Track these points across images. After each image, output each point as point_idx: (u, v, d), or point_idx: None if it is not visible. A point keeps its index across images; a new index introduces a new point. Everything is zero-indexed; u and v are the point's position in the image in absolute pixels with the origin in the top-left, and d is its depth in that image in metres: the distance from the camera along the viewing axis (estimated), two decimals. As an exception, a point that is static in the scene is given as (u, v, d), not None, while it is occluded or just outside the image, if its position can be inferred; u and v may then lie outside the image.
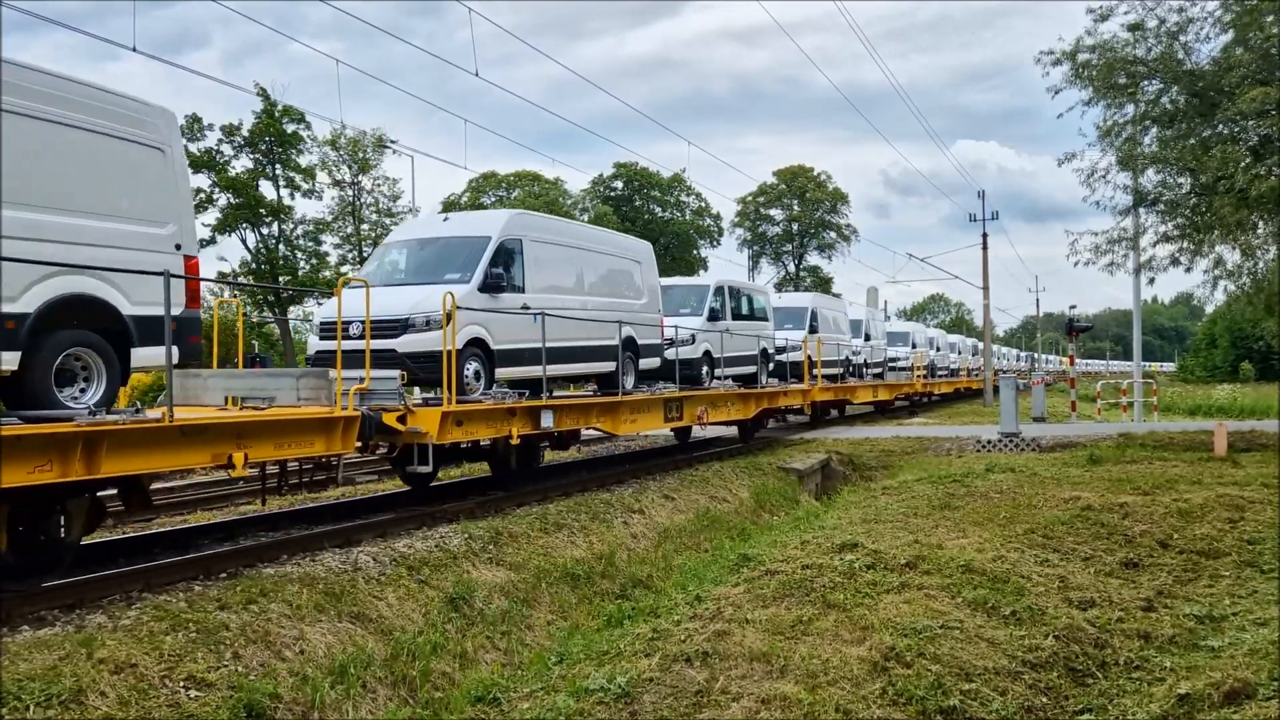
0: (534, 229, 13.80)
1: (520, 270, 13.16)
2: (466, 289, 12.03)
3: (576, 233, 15.79)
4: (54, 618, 6.93)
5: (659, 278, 18.19)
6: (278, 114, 40.41)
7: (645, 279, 16.93)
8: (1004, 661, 6.46)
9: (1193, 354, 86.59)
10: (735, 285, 21.70)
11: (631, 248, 17.13)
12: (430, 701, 7.18)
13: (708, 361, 19.02)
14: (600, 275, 15.44)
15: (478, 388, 11.99)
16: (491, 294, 12.43)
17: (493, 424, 11.81)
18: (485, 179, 61.04)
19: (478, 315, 12.07)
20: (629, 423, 15.26)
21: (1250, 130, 18.41)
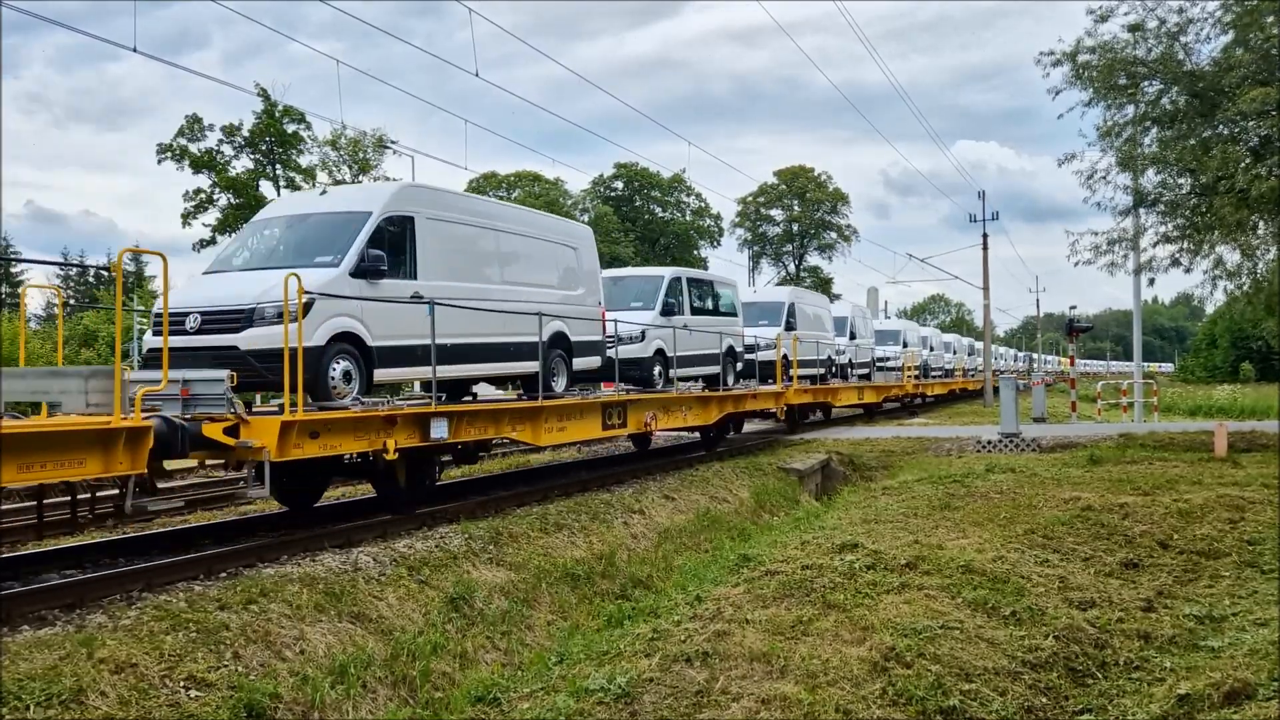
0: (431, 205, 11.71)
1: (411, 253, 11.22)
2: (334, 273, 10.16)
3: (490, 212, 13.46)
4: (54, 617, 6.94)
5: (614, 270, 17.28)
6: (278, 114, 40.42)
7: (583, 267, 14.99)
8: (1004, 662, 6.46)
9: (1193, 354, 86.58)
10: (696, 276, 20.07)
11: (565, 231, 15.15)
12: (430, 701, 7.18)
13: (660, 361, 17.20)
14: (523, 261, 13.51)
15: (348, 391, 10.07)
16: (369, 280, 10.46)
17: (363, 436, 9.84)
18: (485, 179, 61.06)
19: (349, 305, 10.14)
20: (555, 431, 13.40)
21: (1250, 131, 18.41)
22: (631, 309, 17.22)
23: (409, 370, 11.19)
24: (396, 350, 10.77)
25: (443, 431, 10.94)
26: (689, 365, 18.29)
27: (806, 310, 26.08)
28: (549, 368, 13.50)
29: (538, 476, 15.65)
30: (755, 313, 23.60)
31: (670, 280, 18.20)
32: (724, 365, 19.44)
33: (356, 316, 10.23)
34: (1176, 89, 19.19)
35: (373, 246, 10.56)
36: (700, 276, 20.52)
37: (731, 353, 19.93)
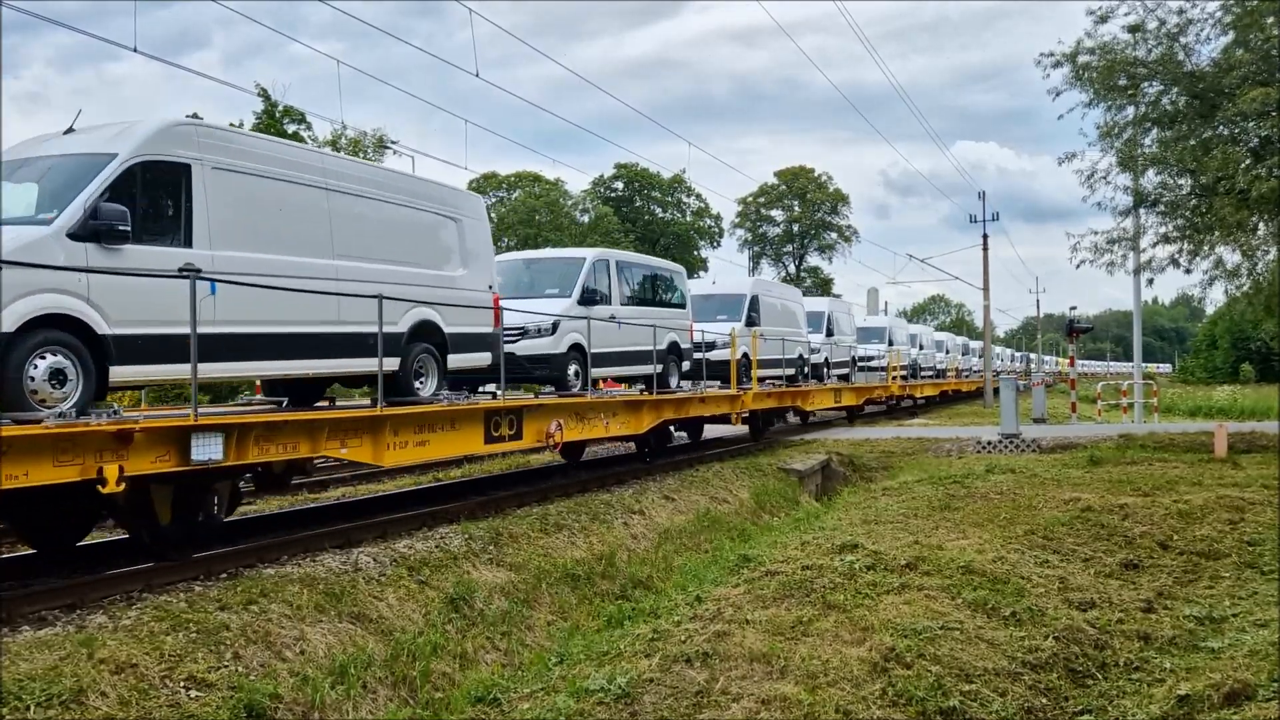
0: (220, 150, 8.92)
1: (183, 212, 8.47)
2: (40, 234, 7.42)
3: (321, 166, 10.28)
4: (54, 618, 6.94)
5: (529, 251, 15.05)
6: (279, 115, 40.42)
7: (467, 243, 12.00)
8: (1004, 662, 6.46)
9: (1193, 355, 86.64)
10: (630, 260, 17.49)
11: (441, 198, 11.86)
12: (430, 702, 7.18)
13: (578, 358, 14.35)
14: (372, 231, 10.54)
15: (59, 398, 7.28)
16: (104, 244, 7.71)
17: (71, 461, 6.98)
18: (486, 179, 61.08)
19: (65, 280, 7.40)
20: (411, 446, 10.58)
21: (1250, 131, 18.43)
22: (546, 296, 14.70)
23: (173, 368, 8.20)
24: (151, 341, 7.99)
25: (213, 451, 8.01)
26: (618, 364, 15.62)
27: (773, 303, 23.32)
28: (411, 365, 10.76)
29: (538, 477, 15.65)
30: (714, 306, 21.29)
31: (593, 263, 15.47)
32: (667, 364, 16.90)
33: (79, 294, 7.50)
34: (1176, 90, 19.21)
35: (113, 200, 7.84)
36: (636, 260, 17.87)
37: (676, 350, 17.40)
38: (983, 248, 44.69)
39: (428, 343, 11.12)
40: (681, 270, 19.34)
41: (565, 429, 13.20)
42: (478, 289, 12.13)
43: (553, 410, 13.22)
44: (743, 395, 19.19)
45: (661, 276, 18.18)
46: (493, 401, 12.09)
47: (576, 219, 60.24)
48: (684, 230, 69.32)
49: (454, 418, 11.26)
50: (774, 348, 22.30)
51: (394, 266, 10.68)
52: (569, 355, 14.27)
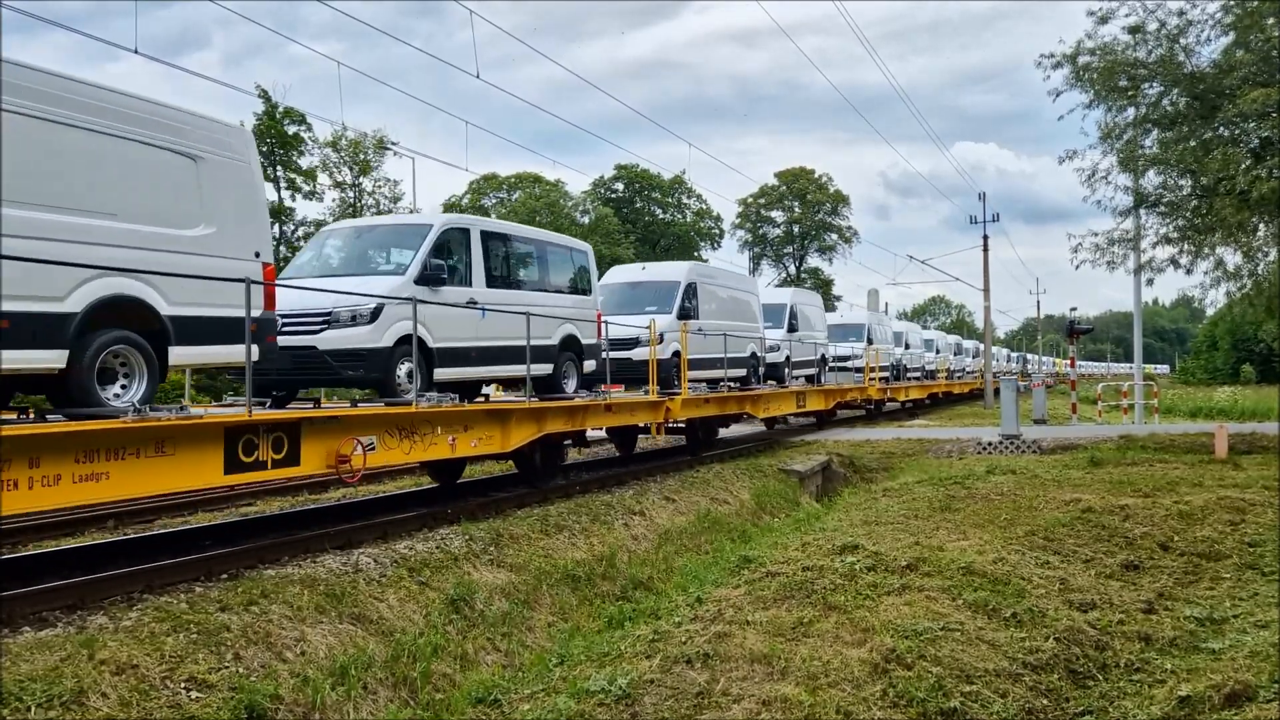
0: None
1: None
2: None
3: None
4: (55, 618, 6.94)
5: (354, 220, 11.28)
6: (279, 115, 40.46)
7: (212, 191, 8.68)
8: (1005, 663, 6.46)
9: (1194, 356, 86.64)
10: (500, 231, 13.53)
11: (162, 124, 8.41)
12: (431, 703, 7.18)
13: (407, 353, 10.68)
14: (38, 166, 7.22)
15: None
16: None
17: None
18: (486, 180, 61.09)
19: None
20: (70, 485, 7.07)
21: (1251, 132, 18.43)
22: (373, 273, 11.45)
23: None
24: None
25: None
26: (480, 362, 12.13)
27: (717, 293, 19.93)
28: (90, 363, 7.45)
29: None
30: (643, 295, 18.27)
31: (444, 230, 11.96)
32: (559, 364, 13.75)
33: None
34: (1177, 91, 19.21)
35: None
36: (514, 232, 14.03)
37: (574, 346, 14.17)
38: (983, 249, 44.71)
39: (123, 330, 7.73)
40: (586, 249, 15.63)
41: (380, 449, 9.96)
42: (232, 256, 8.76)
43: (356, 424, 9.65)
44: (668, 402, 16.08)
45: (554, 254, 14.49)
46: (234, 415, 8.48)
47: (577, 220, 60.22)
48: (684, 231, 69.32)
49: (164, 437, 7.72)
50: (714, 344, 18.89)
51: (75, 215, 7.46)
52: (394, 350, 10.54)
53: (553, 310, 13.65)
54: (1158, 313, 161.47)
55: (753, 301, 22.28)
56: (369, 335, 10.44)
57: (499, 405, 12.42)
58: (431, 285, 11.39)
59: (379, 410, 10.13)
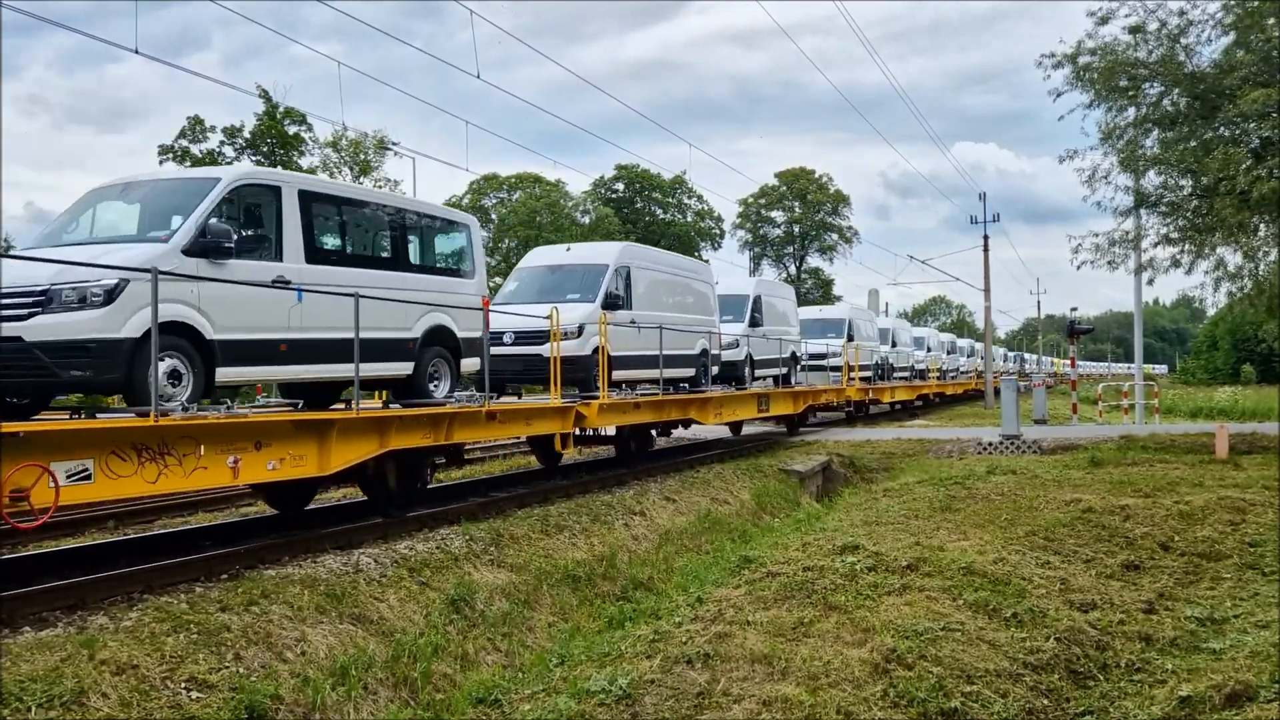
0: None
1: None
2: None
3: None
4: (55, 619, 6.94)
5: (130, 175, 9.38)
6: (279, 116, 40.48)
7: None
8: (1005, 663, 6.46)
9: (1194, 356, 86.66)
10: (323, 191, 10.38)
11: None
12: (431, 703, 7.18)
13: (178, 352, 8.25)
14: None
15: None
16: None
17: None
18: (486, 180, 61.09)
19: None
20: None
21: (1251, 132, 18.42)
22: (129, 240, 8.71)
23: None
24: None
25: None
26: (294, 359, 9.42)
27: (658, 279, 17.12)
28: None
29: (537, 478, 15.64)
30: (564, 281, 15.67)
31: (227, 189, 9.06)
32: (421, 362, 11.07)
33: None
34: (1177, 91, 19.20)
35: None
36: (345, 195, 10.86)
37: (443, 339, 11.36)
38: (983, 249, 44.71)
39: None
40: (468, 222, 12.53)
41: (103, 478, 7.19)
42: None
43: (51, 444, 6.90)
44: (581, 407, 13.59)
45: (416, 226, 11.56)
46: None
47: (578, 220, 60.22)
48: (685, 231, 69.32)
49: None
50: (646, 340, 15.95)
51: None
52: (146, 344, 7.71)
53: (412, 295, 10.87)
54: (1158, 313, 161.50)
55: (707, 292, 19.40)
56: (98, 323, 7.74)
57: (313, 416, 9.50)
58: (213, 258, 8.60)
59: (98, 424, 7.59)
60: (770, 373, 22.82)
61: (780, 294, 25.59)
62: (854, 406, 29.20)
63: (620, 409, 14.97)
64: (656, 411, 16.33)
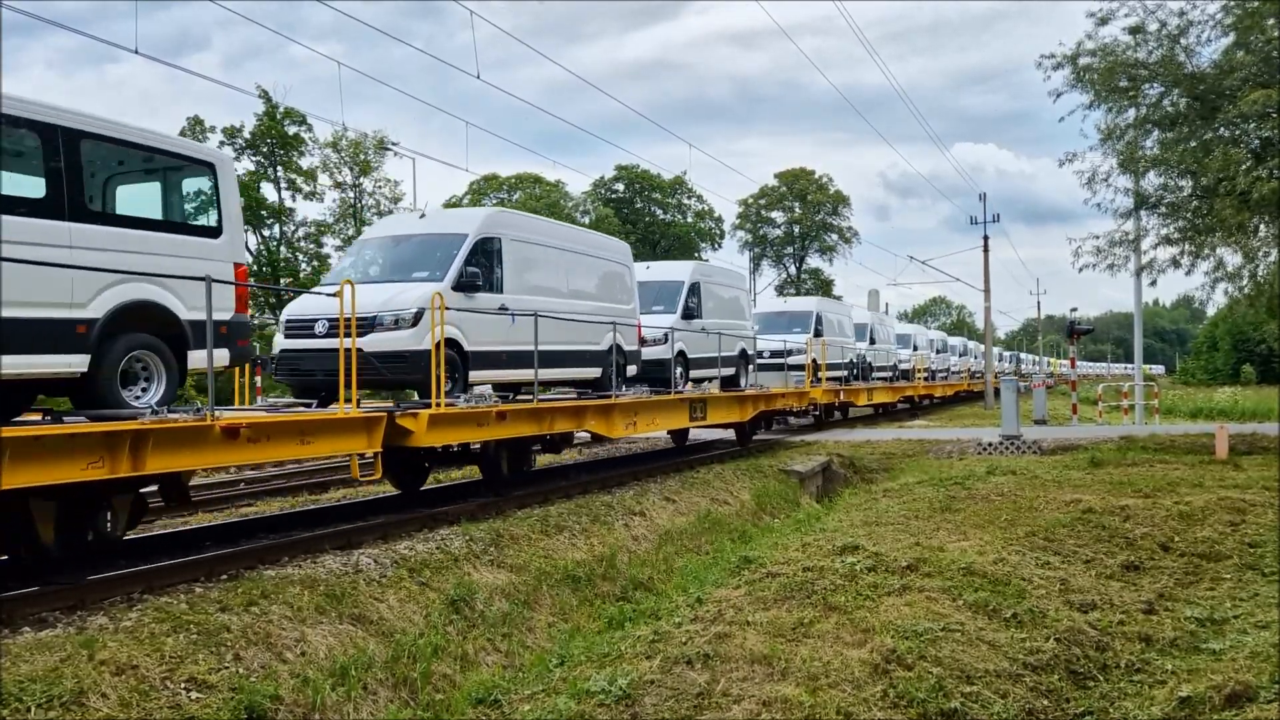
0: None
1: None
2: None
3: None
4: (55, 619, 6.94)
5: None
6: (279, 116, 40.50)
7: None
8: (1005, 664, 6.46)
9: (1194, 357, 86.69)
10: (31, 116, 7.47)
11: None
12: (431, 703, 7.18)
13: None
14: None
15: None
16: None
17: None
18: (486, 181, 61.10)
19: None
20: None
21: (1251, 133, 18.43)
22: None
23: None
24: None
25: None
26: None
27: (538, 255, 13.79)
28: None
29: (537, 479, 15.65)
30: (402, 256, 12.64)
31: None
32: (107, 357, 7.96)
33: None
34: (1177, 91, 19.20)
35: None
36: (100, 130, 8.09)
37: (151, 321, 8.34)
38: (983, 249, 44.70)
39: None
40: (216, 159, 9.42)
41: None
42: None
43: None
44: (404, 418, 10.33)
45: (100, 155, 8.18)
46: None
47: (578, 221, 60.26)
48: (685, 232, 69.34)
49: None
50: (519, 332, 12.63)
51: None
52: None
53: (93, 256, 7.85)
54: (1158, 313, 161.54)
55: (622, 274, 16.23)
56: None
57: None
58: None
59: None
60: (709, 373, 19.34)
61: (726, 281, 21.62)
62: (821, 410, 26.10)
63: (473, 420, 11.34)
64: (538, 422, 12.77)
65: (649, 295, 18.21)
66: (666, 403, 16.46)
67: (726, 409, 18.93)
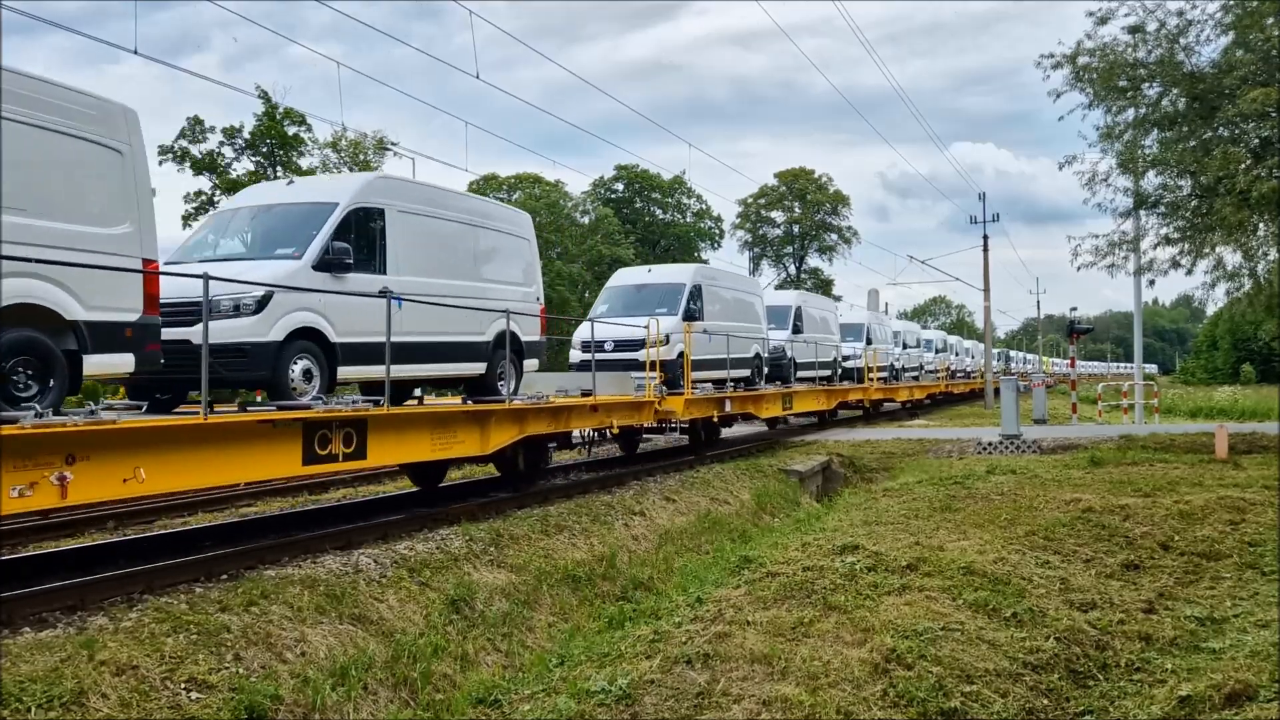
0: None
1: None
2: None
3: None
4: (55, 619, 6.94)
5: None
6: (279, 116, 40.50)
7: None
8: (1005, 663, 6.46)
9: (1194, 356, 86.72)
10: None
11: None
12: (431, 703, 7.18)
13: None
14: None
15: None
16: None
17: None
18: (486, 181, 61.08)
19: None
20: None
21: (1251, 132, 18.42)
22: None
23: None
24: None
25: None
26: None
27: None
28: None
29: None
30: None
31: None
32: None
33: None
34: (1177, 91, 19.19)
35: None
36: None
37: None
38: (983, 248, 44.70)
39: None
40: None
41: None
42: None
43: None
44: None
45: None
46: None
47: (577, 220, 60.25)
48: (685, 232, 69.33)
49: None
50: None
51: None
52: None
53: None
54: (1158, 313, 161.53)
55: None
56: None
57: None
58: None
59: None
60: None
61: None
62: (691, 431, 19.28)
63: None
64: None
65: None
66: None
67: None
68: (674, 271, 19.96)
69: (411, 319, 10.85)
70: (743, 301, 21.18)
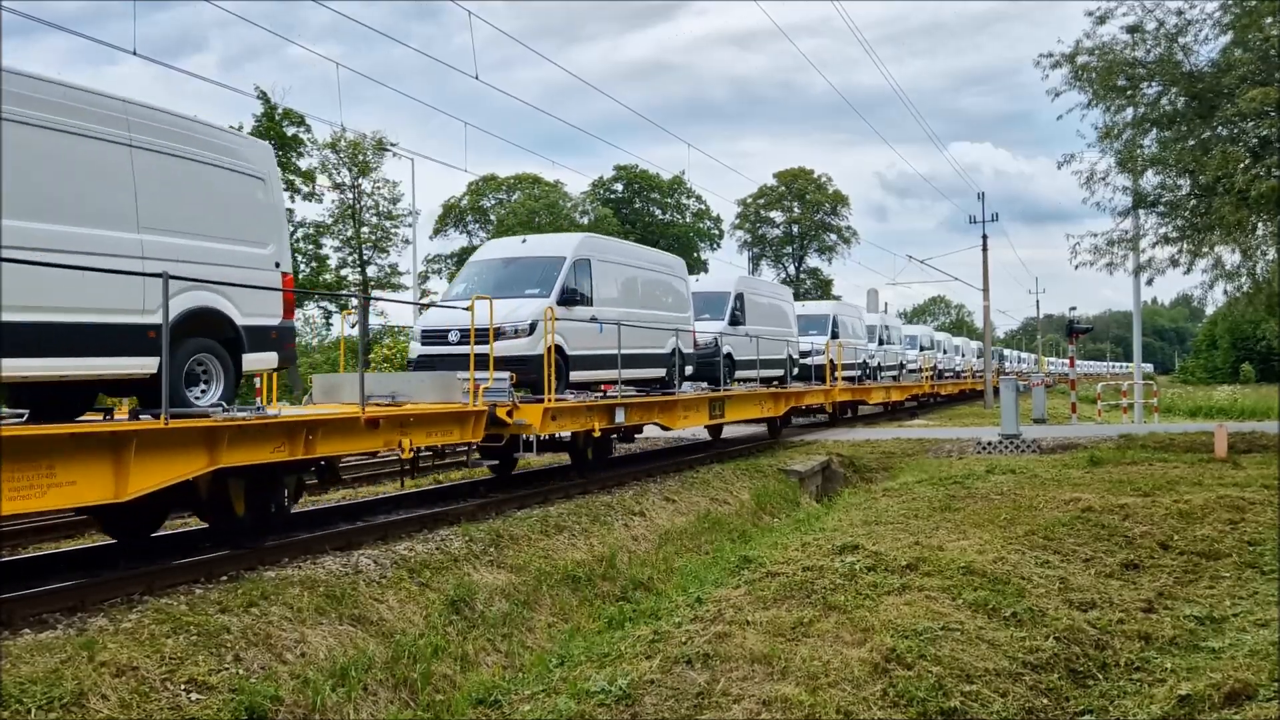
0: None
1: None
2: None
3: None
4: (55, 620, 6.94)
5: None
6: (278, 117, 40.49)
7: None
8: (1005, 663, 6.46)
9: (1193, 356, 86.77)
10: None
11: None
12: (431, 704, 7.18)
13: None
14: None
15: None
16: None
17: None
18: (485, 181, 61.10)
19: None
20: None
21: (1249, 131, 18.42)
22: None
23: None
24: None
25: None
26: None
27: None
28: None
29: (537, 479, 15.64)
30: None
31: None
32: None
33: None
34: (1175, 90, 19.20)
35: None
36: None
37: None
38: (982, 248, 44.72)
39: None
40: None
41: None
42: None
43: None
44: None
45: None
46: None
47: (576, 220, 60.25)
48: (684, 232, 69.34)
49: None
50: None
51: None
52: None
53: None
54: (1157, 312, 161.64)
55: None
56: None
57: None
58: None
59: None
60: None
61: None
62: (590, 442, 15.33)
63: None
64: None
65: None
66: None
67: None
68: (553, 242, 16.46)
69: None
70: (660, 283, 17.99)
